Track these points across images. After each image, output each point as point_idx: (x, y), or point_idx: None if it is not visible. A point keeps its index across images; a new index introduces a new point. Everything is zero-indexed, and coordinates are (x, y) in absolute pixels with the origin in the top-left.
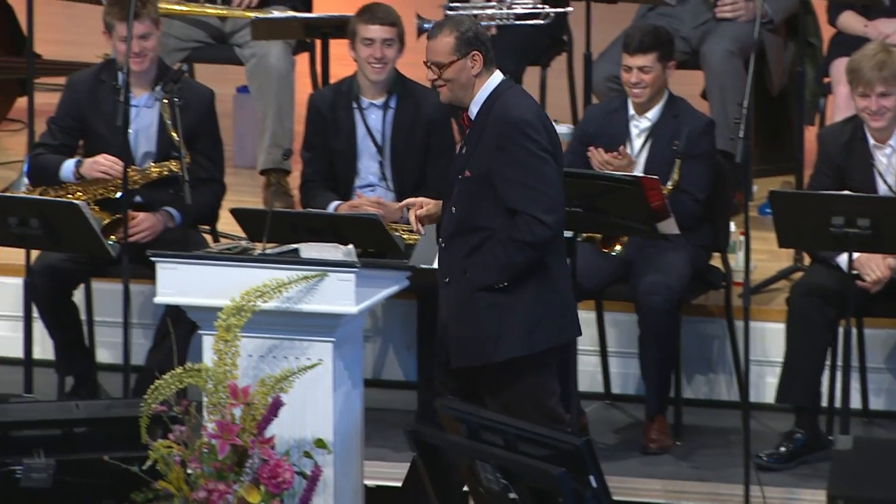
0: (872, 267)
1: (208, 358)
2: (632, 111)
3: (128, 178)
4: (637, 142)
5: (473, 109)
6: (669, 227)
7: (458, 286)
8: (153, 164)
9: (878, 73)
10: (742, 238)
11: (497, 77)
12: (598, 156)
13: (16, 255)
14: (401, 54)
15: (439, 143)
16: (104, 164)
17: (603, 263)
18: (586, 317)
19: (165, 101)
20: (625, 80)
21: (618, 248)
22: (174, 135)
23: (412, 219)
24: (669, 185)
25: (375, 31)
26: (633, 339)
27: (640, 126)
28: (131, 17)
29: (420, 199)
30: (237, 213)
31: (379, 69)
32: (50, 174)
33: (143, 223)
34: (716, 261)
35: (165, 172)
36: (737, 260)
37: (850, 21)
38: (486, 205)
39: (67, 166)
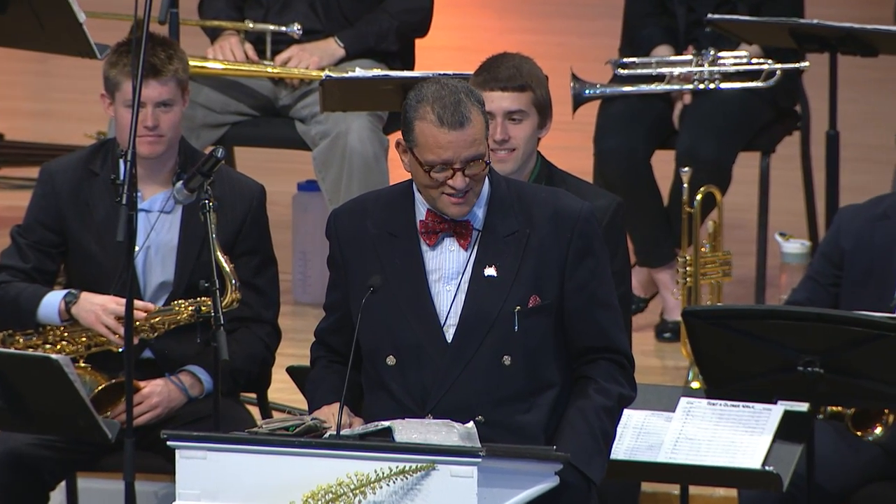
0: None
1: None
2: None
3: (138, 324)
4: None
5: (477, 212)
6: None
7: None
8: (183, 302)
9: None
10: None
11: None
12: None
13: None
14: (544, 132)
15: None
16: (111, 321)
17: (855, 452)
18: None
19: (205, 204)
20: None
21: (878, 430)
22: (221, 257)
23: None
24: None
25: (497, 98)
26: None
27: None
28: (140, 71)
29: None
30: (296, 373)
31: (503, 156)
32: (20, 312)
33: (153, 395)
34: None
35: (199, 314)
36: None
37: None
38: (558, 347)
39: (50, 302)
